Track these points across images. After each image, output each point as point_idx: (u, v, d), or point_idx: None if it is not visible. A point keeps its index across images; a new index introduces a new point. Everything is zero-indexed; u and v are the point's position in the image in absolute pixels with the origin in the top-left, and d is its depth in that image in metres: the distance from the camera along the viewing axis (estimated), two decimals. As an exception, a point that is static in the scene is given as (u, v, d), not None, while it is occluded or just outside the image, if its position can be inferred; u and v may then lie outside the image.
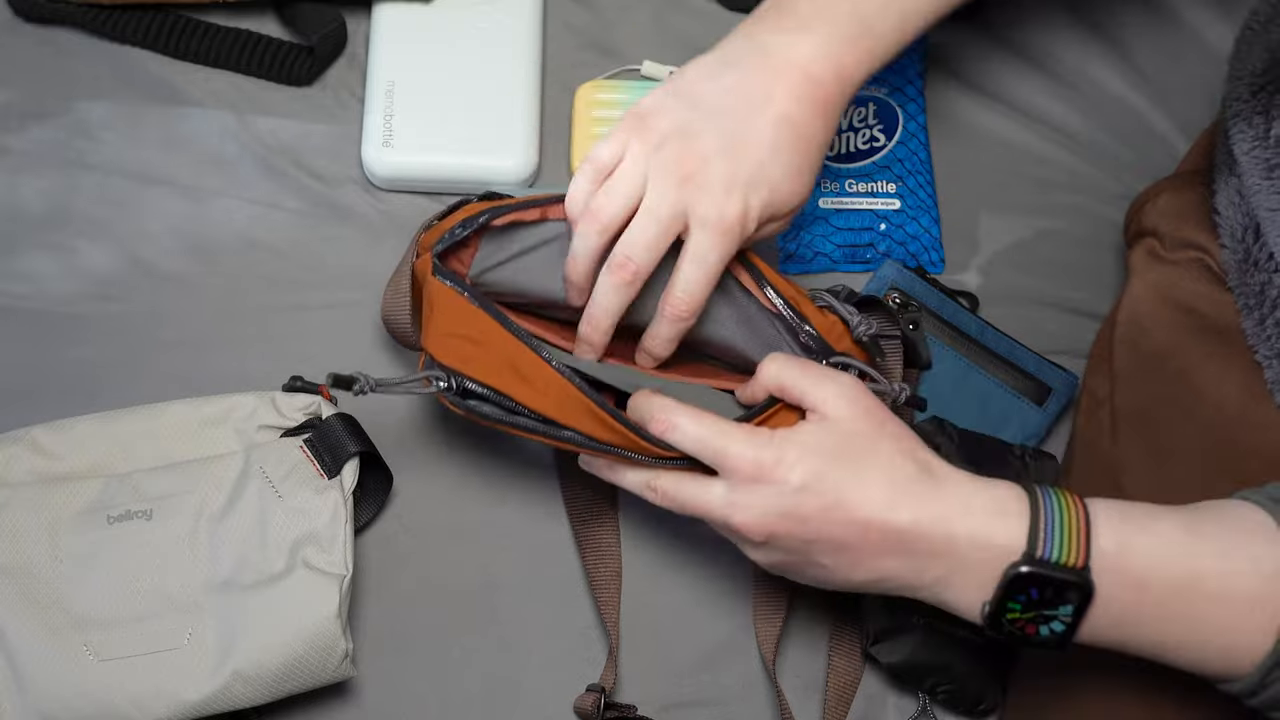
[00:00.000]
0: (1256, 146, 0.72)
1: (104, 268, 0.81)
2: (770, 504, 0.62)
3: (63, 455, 0.71)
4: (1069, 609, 0.60)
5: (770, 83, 0.68)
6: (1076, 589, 0.60)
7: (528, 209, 0.71)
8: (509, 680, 0.75)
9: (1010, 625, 0.61)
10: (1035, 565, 0.60)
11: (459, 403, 0.68)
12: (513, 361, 0.67)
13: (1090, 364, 0.83)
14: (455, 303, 0.68)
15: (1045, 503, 0.61)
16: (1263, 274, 0.72)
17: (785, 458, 0.62)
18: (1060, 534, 0.60)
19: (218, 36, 0.86)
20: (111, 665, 0.67)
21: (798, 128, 0.69)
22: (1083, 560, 0.60)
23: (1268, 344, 0.72)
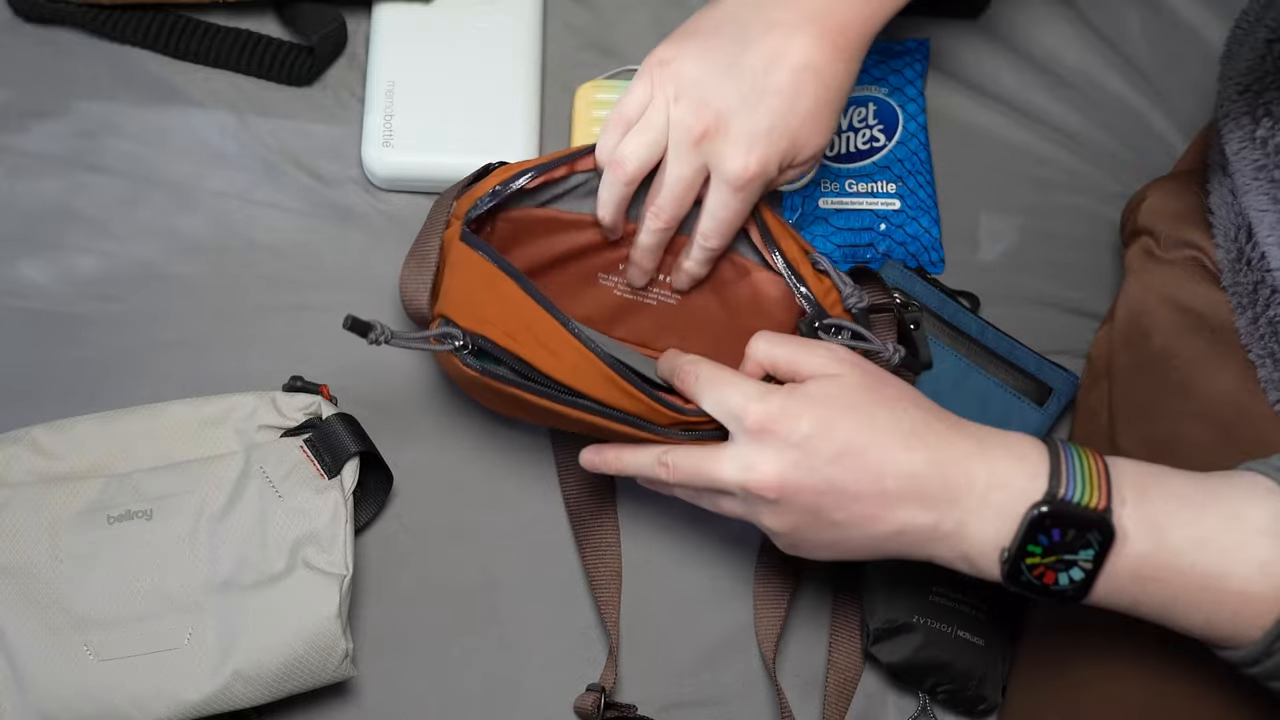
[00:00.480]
0: (1245, 146, 0.72)
1: (104, 268, 0.81)
2: (781, 454, 0.62)
3: (63, 455, 0.71)
4: (1090, 553, 0.59)
5: (790, 30, 0.68)
6: (1098, 530, 0.59)
7: (555, 167, 0.73)
8: (509, 680, 0.75)
9: (1029, 573, 0.60)
10: (1058, 505, 0.59)
11: (472, 363, 0.68)
12: (531, 326, 0.67)
13: (1089, 363, 0.83)
14: (479, 267, 0.68)
15: (1064, 449, 0.61)
16: (1255, 273, 0.72)
17: (791, 407, 0.62)
18: (1081, 476, 0.60)
19: (218, 36, 0.86)
20: (111, 665, 0.67)
21: (819, 75, 0.68)
22: (1104, 502, 0.59)
23: (1260, 343, 0.72)
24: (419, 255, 0.72)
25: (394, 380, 0.80)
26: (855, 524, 0.62)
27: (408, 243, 0.82)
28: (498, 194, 0.71)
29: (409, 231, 0.84)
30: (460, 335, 0.67)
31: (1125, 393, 0.78)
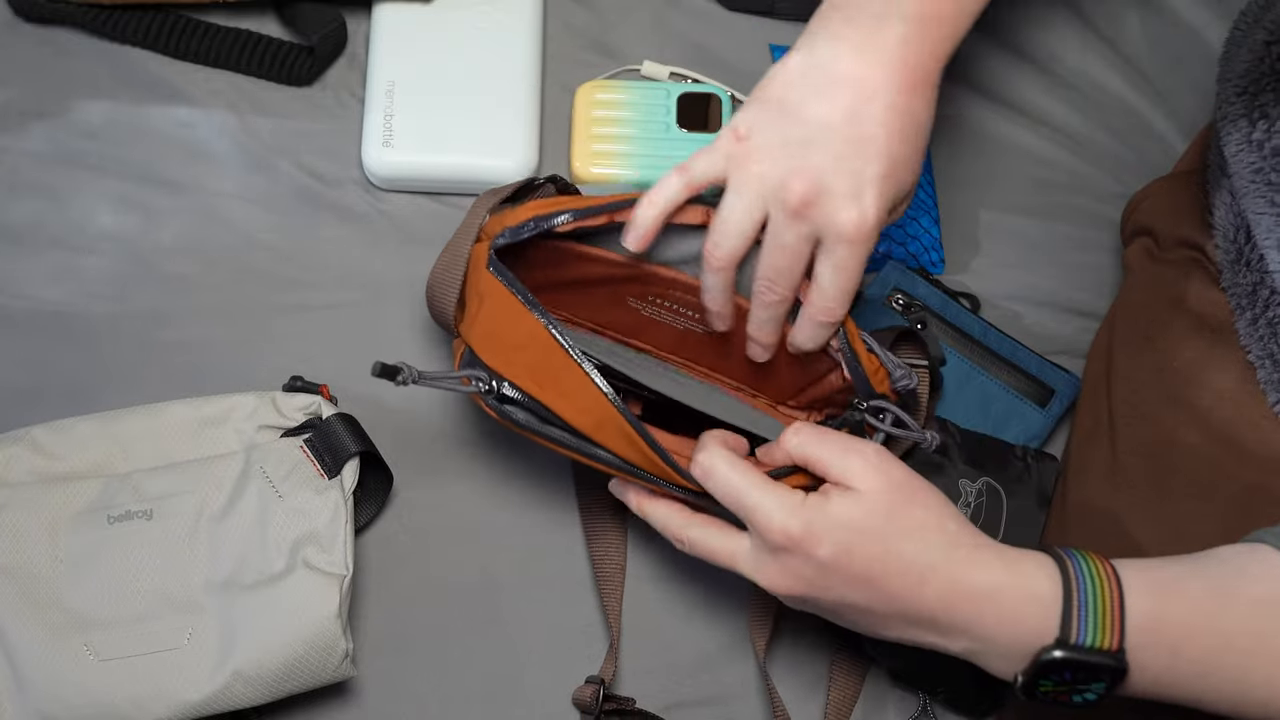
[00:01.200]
0: (1243, 149, 0.72)
1: (104, 268, 0.81)
2: (797, 572, 0.63)
3: (63, 455, 0.71)
4: (1102, 685, 0.60)
5: (868, 75, 0.66)
6: (1109, 671, 0.60)
7: (596, 215, 0.69)
8: (509, 680, 0.75)
9: (1043, 695, 0.62)
10: (1068, 650, 0.59)
11: (495, 406, 0.68)
12: (556, 373, 0.65)
13: (1088, 364, 0.83)
14: (507, 302, 0.67)
15: (1079, 581, 0.61)
16: (1254, 274, 0.72)
17: (813, 530, 0.62)
18: (1094, 616, 0.60)
19: (218, 36, 0.86)
20: (111, 665, 0.67)
21: (905, 115, 0.67)
22: (1117, 643, 0.59)
23: (1260, 344, 0.72)
24: (448, 264, 0.71)
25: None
26: (865, 627, 0.65)
27: (408, 243, 0.83)
28: (534, 228, 0.69)
29: (409, 231, 0.84)
30: (485, 377, 0.67)
31: (1125, 393, 0.78)
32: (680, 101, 0.88)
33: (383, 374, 0.63)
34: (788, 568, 0.64)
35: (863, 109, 0.66)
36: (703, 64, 0.91)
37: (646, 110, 0.87)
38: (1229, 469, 0.72)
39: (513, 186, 0.73)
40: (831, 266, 0.67)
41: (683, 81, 0.90)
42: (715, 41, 0.92)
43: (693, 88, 0.89)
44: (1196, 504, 0.72)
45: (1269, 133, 0.70)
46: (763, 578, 0.65)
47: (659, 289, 0.74)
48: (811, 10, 0.92)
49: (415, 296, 0.80)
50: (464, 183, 0.84)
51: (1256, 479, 0.72)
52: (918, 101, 0.68)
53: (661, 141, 0.86)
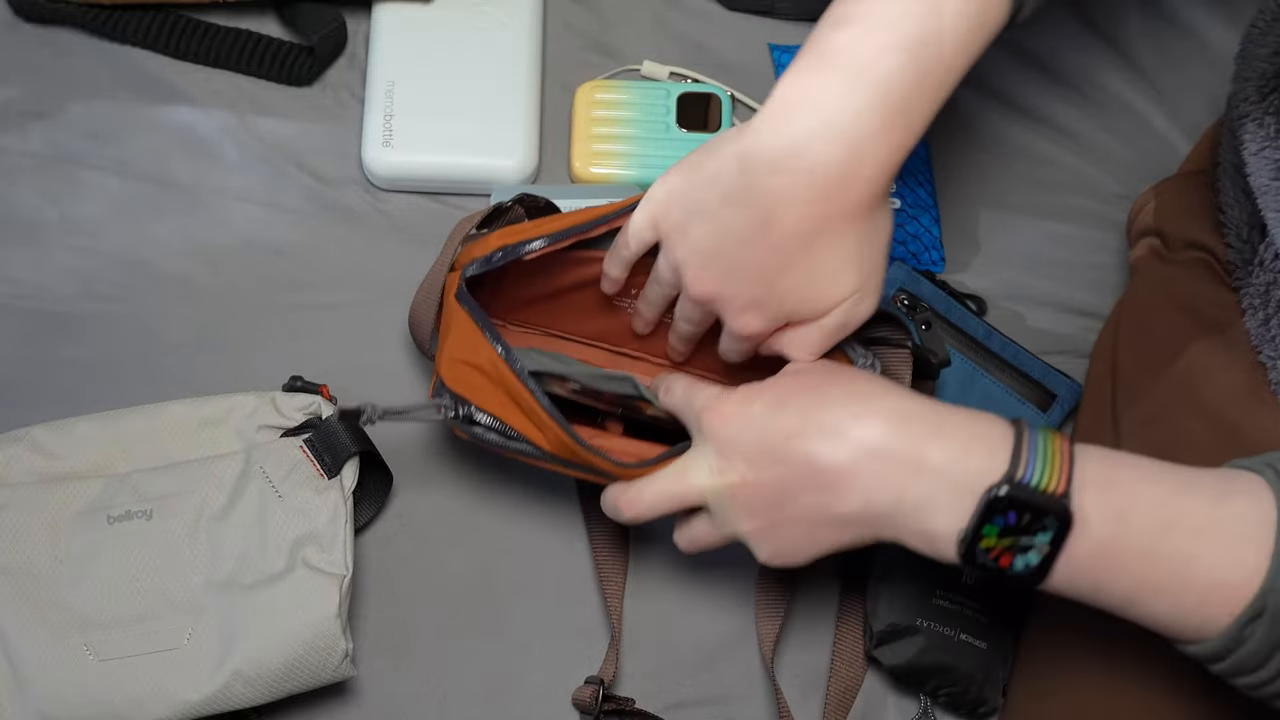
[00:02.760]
0: (1267, 147, 0.71)
1: (104, 268, 0.81)
2: (740, 439, 0.63)
3: (63, 455, 0.71)
4: (1046, 536, 0.58)
5: (779, 198, 0.62)
6: (1055, 515, 0.58)
7: (567, 237, 0.70)
8: (509, 680, 0.75)
9: (985, 556, 0.59)
10: (1014, 488, 0.58)
11: (466, 429, 0.69)
12: (517, 398, 0.67)
13: (1092, 364, 0.83)
14: (469, 329, 0.68)
15: (1030, 432, 0.60)
16: (1268, 274, 0.72)
17: (746, 392, 0.64)
18: (1043, 460, 0.58)
19: (218, 36, 0.86)
20: (111, 665, 0.67)
21: (809, 242, 0.63)
22: (1064, 486, 0.58)
23: (1271, 345, 0.72)
24: (427, 292, 0.73)
25: (394, 381, 0.80)
26: (821, 507, 0.62)
27: (408, 243, 0.83)
28: (506, 255, 0.70)
29: (409, 231, 0.84)
30: (452, 405, 0.69)
31: (1130, 393, 0.78)
32: (680, 101, 0.88)
33: (343, 419, 0.67)
34: (732, 442, 0.63)
35: (761, 236, 0.63)
36: (703, 64, 0.91)
37: (646, 110, 0.87)
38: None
39: (484, 212, 0.73)
40: (731, 336, 0.69)
41: (683, 81, 0.90)
42: (715, 41, 0.92)
43: (693, 88, 0.89)
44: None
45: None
46: (716, 471, 0.64)
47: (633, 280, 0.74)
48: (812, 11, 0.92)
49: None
50: (464, 183, 0.84)
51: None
52: (839, 223, 0.63)
53: (661, 141, 0.86)
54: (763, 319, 0.66)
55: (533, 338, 0.79)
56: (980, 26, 0.63)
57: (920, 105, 0.62)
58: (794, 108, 0.62)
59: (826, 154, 0.61)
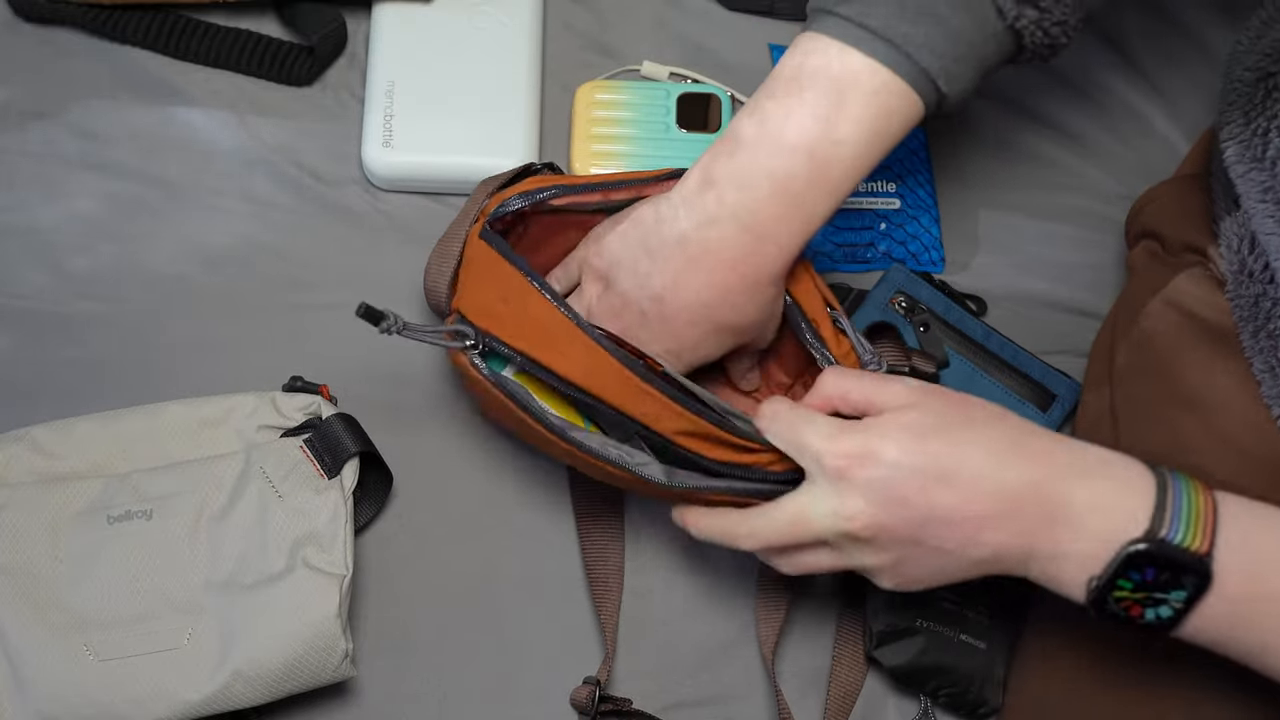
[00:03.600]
0: (1253, 169, 0.71)
1: (104, 268, 0.81)
2: (870, 490, 0.60)
3: (63, 455, 0.71)
4: (1182, 595, 0.57)
5: (681, 268, 0.66)
6: (1195, 575, 0.57)
7: (591, 191, 0.71)
8: (509, 680, 0.75)
9: (1115, 604, 0.58)
10: (1156, 545, 0.57)
11: (481, 366, 0.68)
12: (541, 323, 0.66)
13: (1090, 364, 0.83)
14: (494, 263, 0.68)
15: (1173, 482, 0.59)
16: (1257, 285, 0.72)
17: (873, 441, 0.60)
18: (1187, 516, 0.57)
19: (218, 36, 0.86)
20: (111, 665, 0.67)
21: (712, 310, 0.67)
22: (1208, 547, 0.57)
23: (1261, 357, 0.72)
24: (445, 246, 0.72)
25: (394, 380, 0.80)
26: (956, 550, 0.60)
27: (408, 243, 0.83)
28: (527, 199, 0.71)
29: (409, 231, 0.84)
30: (472, 334, 0.67)
31: (1127, 395, 0.78)
32: (680, 102, 0.88)
33: (367, 315, 0.64)
34: (859, 490, 0.60)
35: (668, 302, 0.67)
36: (703, 64, 0.91)
37: (646, 110, 0.87)
38: (1232, 472, 0.72)
39: (510, 173, 0.74)
40: None
41: (683, 81, 0.90)
42: (715, 41, 0.92)
43: (693, 88, 0.89)
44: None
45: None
46: (843, 517, 0.60)
47: None
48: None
49: (415, 296, 0.80)
50: (464, 183, 0.84)
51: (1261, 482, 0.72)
52: (737, 298, 0.67)
53: (661, 142, 0.86)
54: (680, 363, 0.69)
55: None
56: (881, 132, 0.65)
57: (818, 201, 0.66)
58: (706, 188, 0.66)
59: (729, 238, 0.65)
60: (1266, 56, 0.70)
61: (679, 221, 0.66)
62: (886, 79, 0.64)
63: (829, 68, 0.64)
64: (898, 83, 0.64)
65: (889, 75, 0.64)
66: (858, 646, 0.77)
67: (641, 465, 0.67)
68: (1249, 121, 0.71)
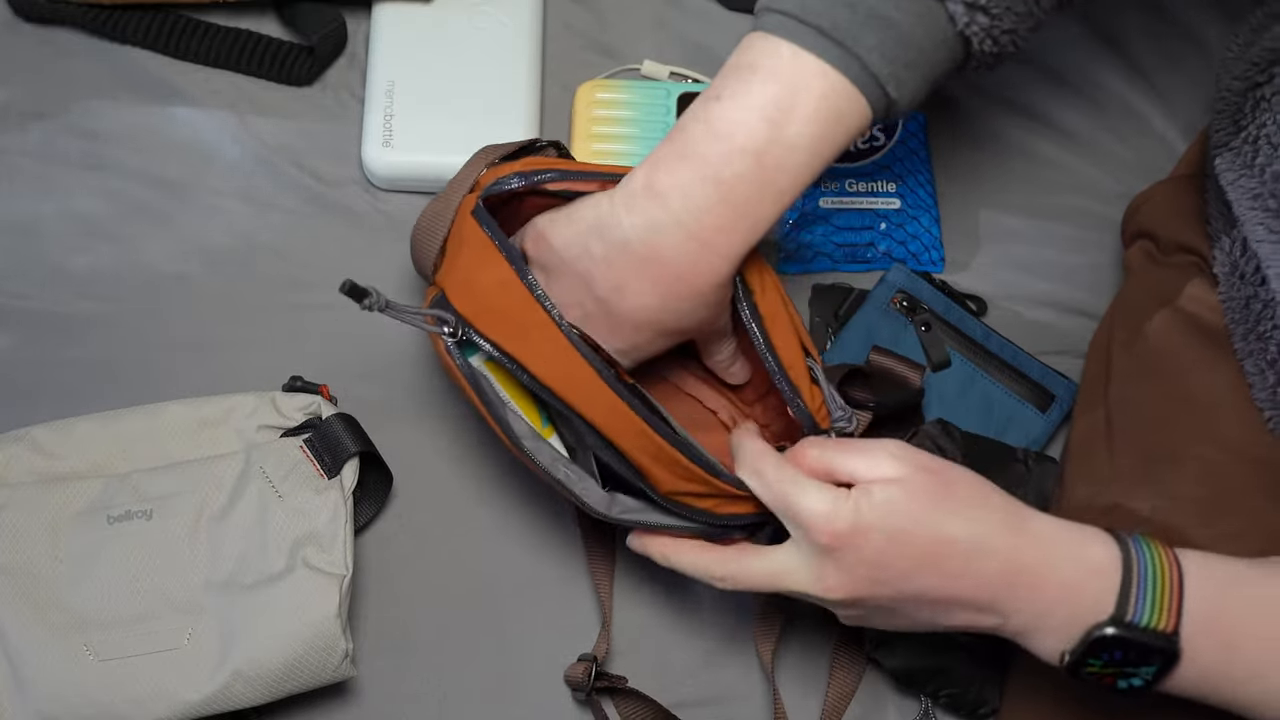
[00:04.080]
0: (1243, 176, 0.71)
1: (104, 268, 0.81)
2: (854, 571, 0.61)
3: (63, 455, 0.71)
4: (1152, 670, 0.60)
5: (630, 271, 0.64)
6: (1162, 653, 0.59)
7: (589, 179, 0.69)
8: (509, 680, 0.75)
9: (1088, 675, 0.61)
10: (1122, 629, 0.59)
11: (457, 356, 0.67)
12: (524, 323, 0.65)
13: (1087, 364, 0.83)
14: (483, 247, 0.66)
15: (1139, 559, 0.60)
16: (1248, 287, 0.72)
17: (863, 522, 0.61)
18: (1151, 596, 0.59)
19: (218, 36, 0.86)
20: (111, 665, 0.67)
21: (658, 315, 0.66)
22: (1173, 625, 0.59)
23: (1252, 359, 0.72)
24: (437, 211, 0.70)
25: (394, 380, 0.80)
26: (927, 619, 0.63)
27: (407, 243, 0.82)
28: (520, 181, 0.69)
29: (409, 231, 0.83)
30: (452, 321, 0.66)
31: (1123, 394, 0.78)
32: (680, 101, 0.88)
33: (351, 293, 0.63)
34: (843, 566, 0.61)
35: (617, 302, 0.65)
36: (703, 64, 0.91)
37: (646, 110, 0.87)
38: (1227, 471, 0.72)
39: (514, 145, 0.72)
40: None
41: (683, 81, 0.90)
42: (715, 41, 0.92)
43: (693, 88, 0.89)
44: (1192, 506, 0.72)
45: (1271, 157, 0.69)
46: (822, 586, 0.62)
47: None
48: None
49: (415, 296, 0.80)
50: (464, 183, 0.84)
51: (1258, 483, 0.72)
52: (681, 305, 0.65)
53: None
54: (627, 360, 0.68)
55: None
56: (828, 137, 0.64)
57: (763, 206, 0.64)
58: (651, 195, 0.64)
59: (675, 245, 0.63)
60: (1254, 66, 0.70)
61: (622, 225, 0.64)
62: (836, 82, 0.62)
63: (779, 69, 0.63)
64: (847, 86, 0.63)
65: (839, 78, 0.62)
66: (857, 647, 0.77)
67: (584, 491, 0.67)
68: (1239, 129, 0.71)
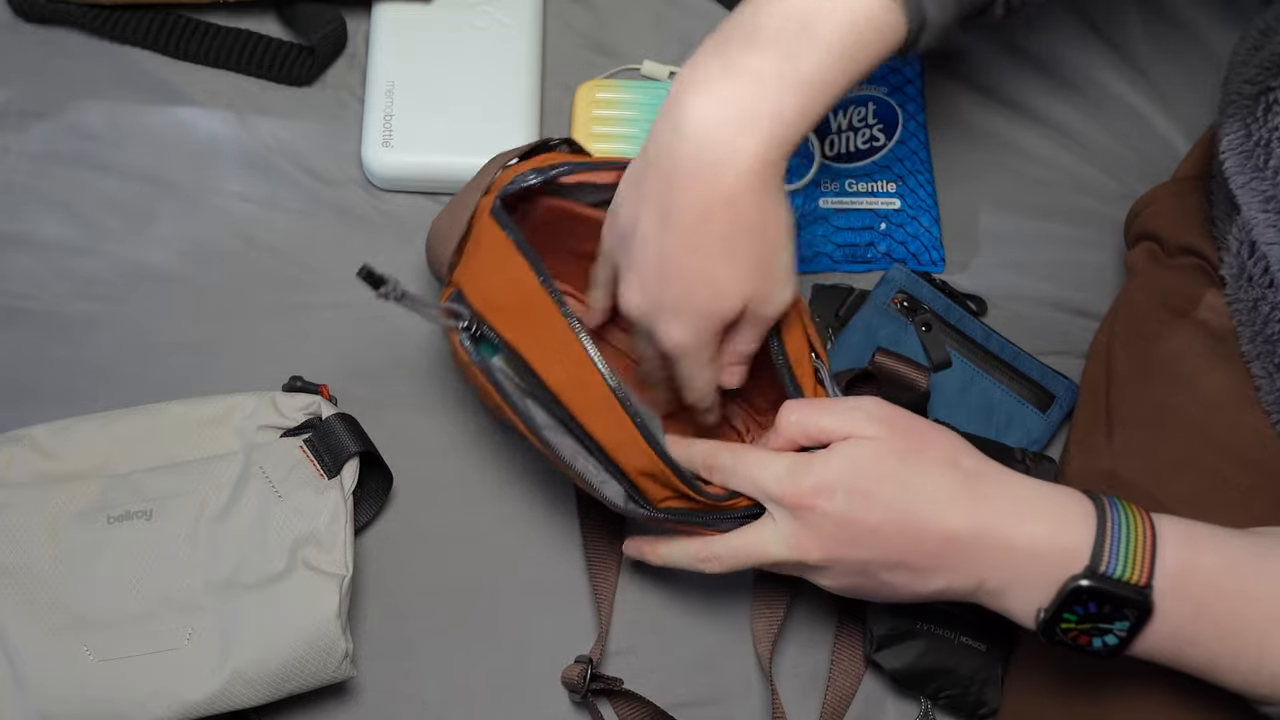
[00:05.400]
0: (1254, 179, 0.71)
1: (104, 268, 0.81)
2: (822, 528, 0.62)
3: (63, 455, 0.71)
4: (1125, 624, 0.60)
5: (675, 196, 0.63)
6: (1135, 606, 0.59)
7: (605, 170, 0.69)
8: (509, 680, 0.75)
9: (1063, 634, 0.61)
10: (1096, 580, 0.59)
11: (470, 349, 0.67)
12: (537, 323, 0.64)
13: (1088, 364, 0.83)
14: (502, 246, 0.66)
15: (1112, 515, 0.61)
16: (1256, 289, 0.72)
17: (825, 481, 0.62)
18: (1125, 549, 0.59)
19: (218, 36, 0.86)
20: (111, 665, 0.67)
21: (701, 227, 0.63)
22: (1145, 578, 0.59)
23: (1259, 361, 0.72)
24: (453, 213, 0.71)
25: (394, 380, 0.80)
26: (903, 583, 0.64)
27: (408, 243, 0.83)
28: (536, 177, 0.69)
29: (409, 232, 0.84)
30: (467, 316, 0.66)
31: (1124, 395, 0.78)
32: (680, 101, 0.88)
33: (368, 279, 0.63)
34: (811, 526, 0.62)
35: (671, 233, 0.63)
36: (703, 64, 0.91)
37: (646, 110, 0.87)
38: (1228, 474, 0.72)
39: (527, 146, 0.72)
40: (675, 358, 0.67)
41: (683, 81, 0.90)
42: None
43: (693, 88, 0.88)
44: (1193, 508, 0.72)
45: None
46: (796, 548, 0.63)
47: None
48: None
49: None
50: (464, 183, 0.84)
51: (1257, 484, 0.72)
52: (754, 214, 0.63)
53: (661, 141, 0.86)
54: (686, 327, 0.65)
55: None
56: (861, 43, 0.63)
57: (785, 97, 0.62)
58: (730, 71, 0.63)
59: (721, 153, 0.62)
60: (1265, 70, 0.70)
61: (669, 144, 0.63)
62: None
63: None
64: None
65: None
66: (856, 648, 0.77)
67: (602, 483, 0.67)
68: (1250, 133, 0.71)
